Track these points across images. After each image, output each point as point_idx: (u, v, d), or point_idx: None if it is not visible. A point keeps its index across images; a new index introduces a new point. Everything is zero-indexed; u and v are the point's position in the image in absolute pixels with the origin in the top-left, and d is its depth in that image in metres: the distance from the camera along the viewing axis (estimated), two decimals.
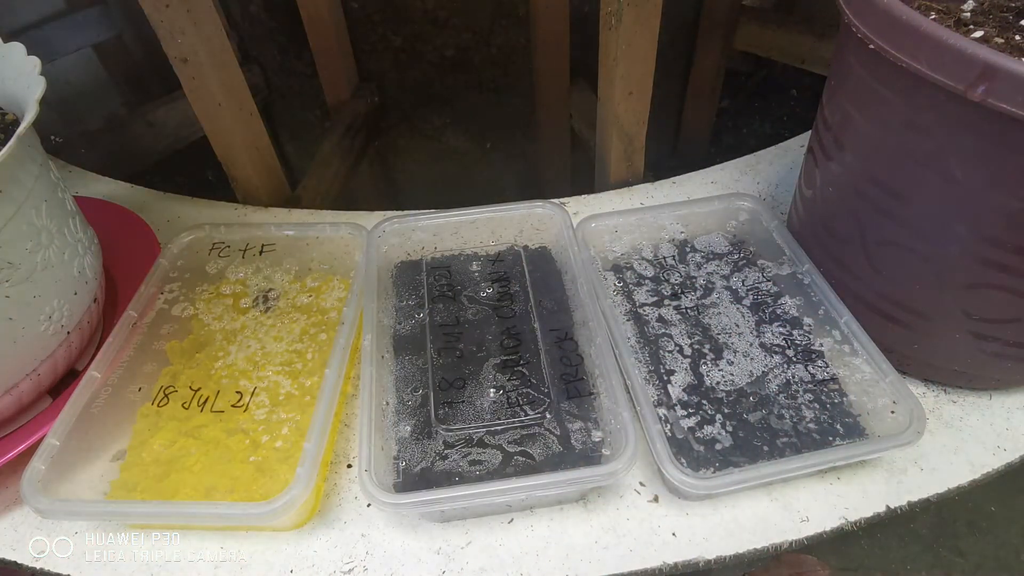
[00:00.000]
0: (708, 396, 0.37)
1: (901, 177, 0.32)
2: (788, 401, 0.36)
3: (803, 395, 0.36)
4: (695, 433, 0.35)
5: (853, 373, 0.37)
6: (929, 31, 0.27)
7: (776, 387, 0.37)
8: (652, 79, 0.51)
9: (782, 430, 0.35)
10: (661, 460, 0.32)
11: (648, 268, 0.44)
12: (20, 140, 0.31)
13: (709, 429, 0.35)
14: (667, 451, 0.32)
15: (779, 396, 0.36)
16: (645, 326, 0.41)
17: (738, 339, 0.40)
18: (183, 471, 0.35)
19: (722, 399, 0.37)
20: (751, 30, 0.93)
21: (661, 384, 0.37)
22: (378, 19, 0.80)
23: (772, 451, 0.34)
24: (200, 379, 0.39)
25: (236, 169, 0.55)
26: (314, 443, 0.33)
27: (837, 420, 0.35)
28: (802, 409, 0.36)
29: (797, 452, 0.34)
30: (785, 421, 0.35)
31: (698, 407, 0.36)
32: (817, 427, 0.35)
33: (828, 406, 0.36)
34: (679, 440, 0.35)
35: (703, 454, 0.34)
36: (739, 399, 0.36)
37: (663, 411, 0.36)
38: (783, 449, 0.34)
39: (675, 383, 0.37)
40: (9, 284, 0.32)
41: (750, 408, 0.36)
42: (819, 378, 0.37)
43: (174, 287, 0.44)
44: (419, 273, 0.45)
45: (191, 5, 0.45)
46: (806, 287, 0.41)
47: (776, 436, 0.35)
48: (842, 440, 0.34)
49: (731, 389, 0.37)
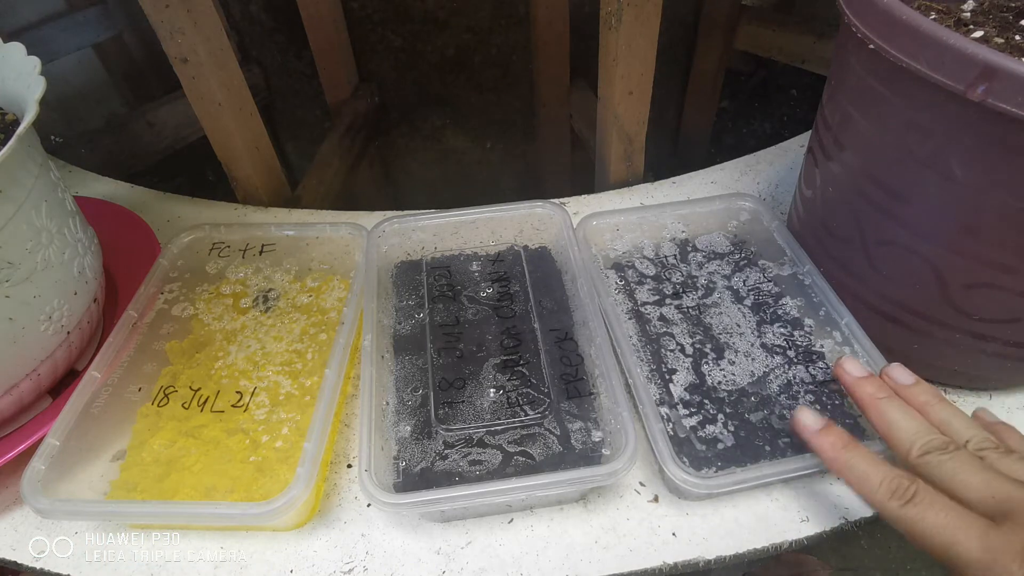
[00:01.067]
0: (710, 396, 0.37)
1: (901, 177, 0.32)
2: (789, 402, 0.36)
3: (804, 396, 0.36)
4: (697, 432, 0.35)
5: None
6: (929, 31, 0.27)
7: (777, 387, 0.37)
8: (652, 79, 0.51)
9: (783, 430, 0.35)
10: (663, 459, 0.32)
11: (649, 267, 0.44)
12: (20, 140, 0.31)
13: (711, 428, 0.35)
14: (669, 450, 0.32)
15: (780, 396, 0.36)
16: (647, 325, 0.41)
17: (739, 339, 0.40)
18: (183, 471, 0.35)
19: (724, 399, 0.37)
20: (751, 30, 0.93)
21: (663, 383, 0.37)
22: (378, 19, 0.80)
23: (774, 451, 0.34)
24: (200, 379, 0.39)
25: (236, 169, 0.55)
26: (314, 443, 0.33)
27: (837, 421, 0.35)
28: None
29: (798, 452, 0.34)
30: (786, 421, 0.35)
31: (700, 406, 0.36)
32: None
33: (829, 407, 0.36)
34: (681, 439, 0.35)
35: (705, 453, 0.34)
36: (740, 399, 0.36)
37: (665, 410, 0.36)
38: (784, 449, 0.34)
39: (677, 382, 0.37)
40: (9, 284, 0.32)
41: (751, 408, 0.36)
42: (819, 379, 0.37)
43: (174, 287, 0.44)
44: (419, 273, 0.45)
45: (191, 5, 0.45)
46: (807, 288, 0.41)
47: (777, 436, 0.35)
48: None
49: (733, 389, 0.37)
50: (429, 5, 0.77)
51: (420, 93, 0.87)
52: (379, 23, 0.80)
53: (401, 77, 0.85)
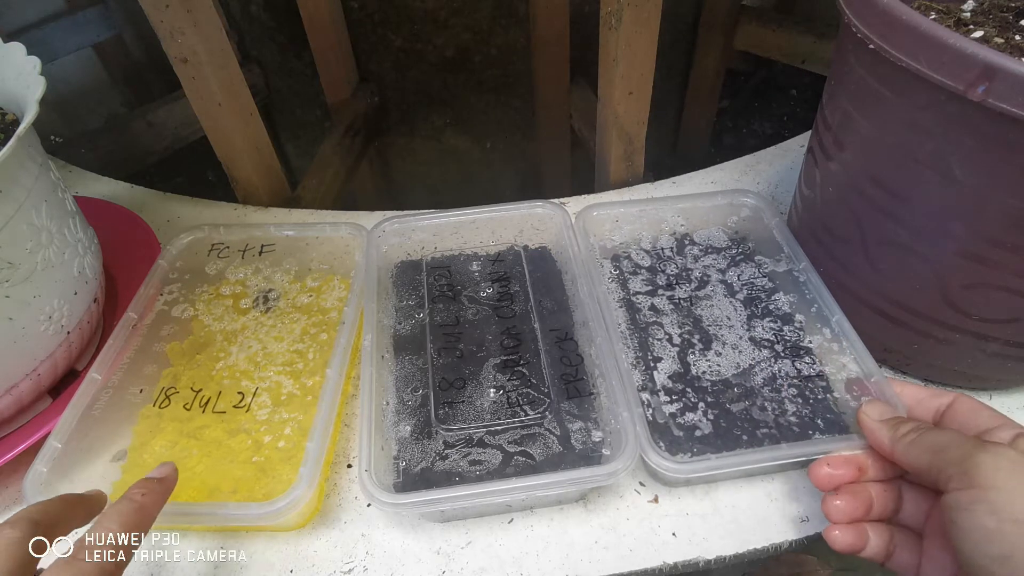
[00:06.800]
0: (693, 384, 0.37)
1: (901, 177, 0.32)
2: (772, 394, 0.36)
3: (787, 389, 0.37)
4: (676, 419, 0.35)
5: (840, 371, 0.37)
6: (929, 31, 0.27)
7: (761, 380, 0.37)
8: (652, 79, 0.51)
9: (763, 421, 0.35)
10: (640, 443, 0.32)
11: (645, 258, 0.45)
12: (20, 140, 0.31)
13: (691, 416, 0.35)
14: (646, 434, 0.33)
15: (763, 389, 0.37)
16: (637, 314, 0.41)
17: (728, 331, 0.40)
18: (185, 472, 0.35)
19: (706, 388, 0.37)
20: (751, 30, 0.93)
21: (647, 370, 0.38)
22: (378, 19, 0.80)
23: (751, 441, 0.34)
24: (201, 380, 0.39)
25: (236, 169, 0.55)
26: (317, 442, 0.33)
27: (819, 415, 0.35)
28: (785, 403, 0.36)
29: (775, 443, 0.34)
30: (767, 413, 0.36)
31: (682, 394, 0.37)
32: (798, 421, 0.35)
33: (811, 401, 0.36)
34: (660, 424, 0.35)
35: (682, 439, 0.34)
36: (724, 389, 0.37)
37: (646, 396, 0.36)
38: (762, 440, 0.34)
39: (661, 370, 0.38)
40: (9, 284, 0.32)
41: (734, 399, 0.36)
42: (805, 374, 0.37)
43: (173, 288, 0.44)
44: (419, 273, 0.45)
45: (191, 5, 0.45)
46: (801, 284, 0.41)
47: (757, 427, 0.35)
48: (822, 435, 0.34)
49: (716, 379, 0.37)
50: (429, 5, 0.77)
51: (420, 93, 0.86)
52: (379, 23, 0.80)
53: (401, 77, 0.85)
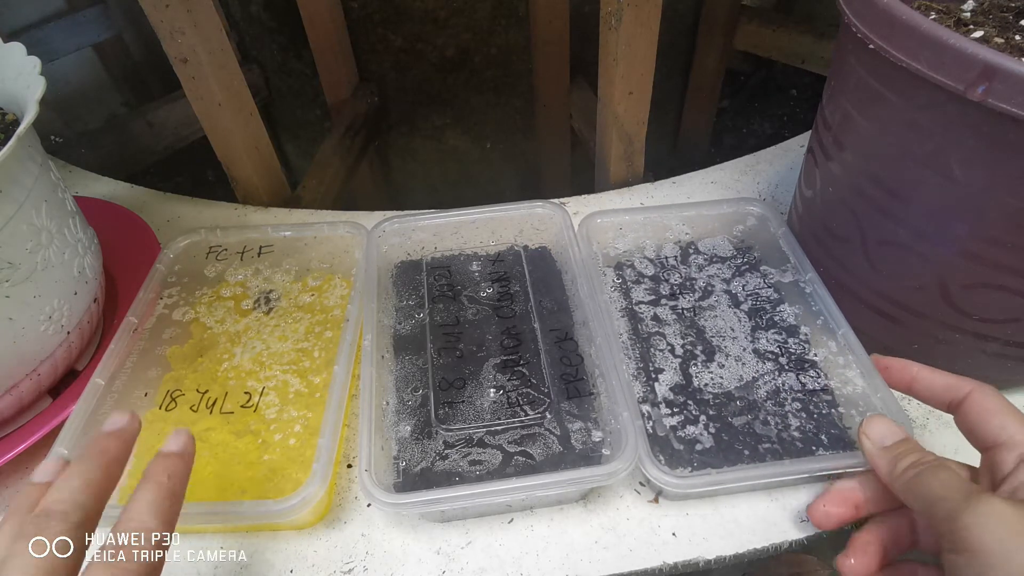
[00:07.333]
0: (694, 397, 0.36)
1: (901, 177, 0.32)
2: (775, 408, 0.36)
3: (791, 403, 0.36)
4: (677, 432, 0.35)
5: (845, 385, 0.36)
6: (929, 31, 0.27)
7: (765, 393, 0.37)
8: (652, 79, 0.51)
9: (766, 436, 0.34)
10: (639, 455, 0.32)
11: (649, 267, 0.44)
12: (20, 140, 0.31)
13: (692, 429, 0.35)
14: (645, 446, 0.32)
15: (767, 402, 0.36)
16: (639, 324, 0.40)
17: (732, 343, 0.39)
18: (193, 476, 0.34)
19: (708, 401, 0.36)
20: (751, 30, 0.93)
21: (648, 381, 0.37)
22: (378, 19, 0.80)
23: (753, 456, 0.34)
24: (207, 382, 0.39)
25: (236, 169, 0.55)
26: (328, 439, 0.33)
27: (823, 431, 0.35)
28: (788, 417, 0.35)
29: (778, 459, 0.33)
30: (770, 427, 0.35)
31: (683, 407, 0.36)
32: (801, 436, 0.34)
33: (815, 416, 0.35)
34: (660, 437, 0.35)
35: (682, 453, 0.34)
36: (726, 402, 0.36)
37: (647, 408, 0.36)
38: (764, 455, 0.34)
39: (662, 381, 0.37)
40: (9, 284, 0.32)
41: (736, 412, 0.36)
42: (809, 388, 0.36)
43: (173, 292, 0.44)
44: (419, 273, 0.45)
45: (191, 5, 0.45)
46: (807, 296, 0.40)
47: (759, 441, 0.34)
48: (825, 451, 0.34)
49: (719, 392, 0.37)
50: (429, 5, 0.77)
51: (420, 93, 0.86)
52: (379, 23, 0.80)
53: (401, 77, 0.85)
